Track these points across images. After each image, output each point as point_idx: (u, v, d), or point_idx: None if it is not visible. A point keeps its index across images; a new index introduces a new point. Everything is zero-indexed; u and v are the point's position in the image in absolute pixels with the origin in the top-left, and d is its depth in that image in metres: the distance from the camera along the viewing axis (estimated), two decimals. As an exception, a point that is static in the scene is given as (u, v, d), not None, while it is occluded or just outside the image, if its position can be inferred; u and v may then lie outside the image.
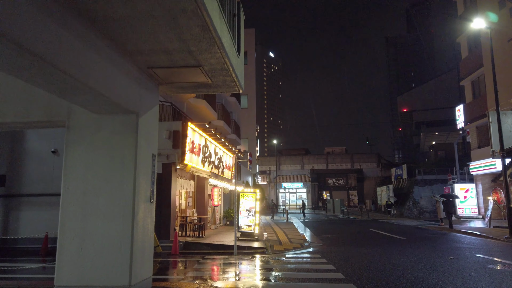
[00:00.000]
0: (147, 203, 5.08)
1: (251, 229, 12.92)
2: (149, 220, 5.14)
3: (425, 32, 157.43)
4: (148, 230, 5.12)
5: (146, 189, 5.05)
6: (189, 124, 12.20)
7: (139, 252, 4.75)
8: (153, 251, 5.23)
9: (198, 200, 16.39)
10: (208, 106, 18.61)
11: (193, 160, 12.87)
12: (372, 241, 13.61)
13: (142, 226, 4.84)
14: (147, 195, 5.09)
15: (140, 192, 4.79)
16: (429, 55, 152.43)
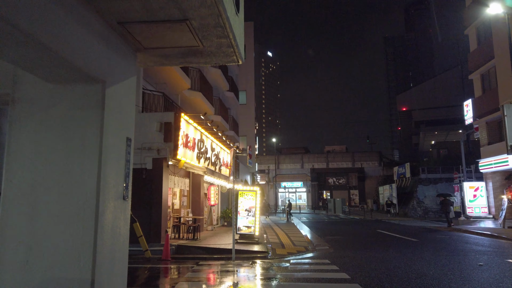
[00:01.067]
0: (118, 201, 3.91)
1: (251, 231, 11.77)
2: (122, 222, 3.97)
3: (423, 32, 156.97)
4: (120, 235, 3.97)
5: (118, 183, 3.89)
6: (182, 115, 11.03)
7: (106, 264, 3.60)
8: (127, 262, 4.07)
9: (193, 199, 15.22)
10: (204, 99, 17.45)
11: (187, 156, 11.71)
12: (383, 244, 12.47)
13: (110, 230, 3.69)
14: (119, 190, 3.92)
15: (107, 186, 3.64)
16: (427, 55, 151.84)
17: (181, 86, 15.03)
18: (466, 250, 10.67)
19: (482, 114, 22.55)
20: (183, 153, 11.29)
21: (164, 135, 11.00)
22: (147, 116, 11.23)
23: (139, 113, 11.27)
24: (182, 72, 14.06)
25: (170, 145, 10.96)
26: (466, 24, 23.86)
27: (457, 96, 52.43)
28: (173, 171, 11.94)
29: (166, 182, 11.24)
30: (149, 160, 11.00)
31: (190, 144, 11.96)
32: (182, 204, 14.47)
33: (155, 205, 10.80)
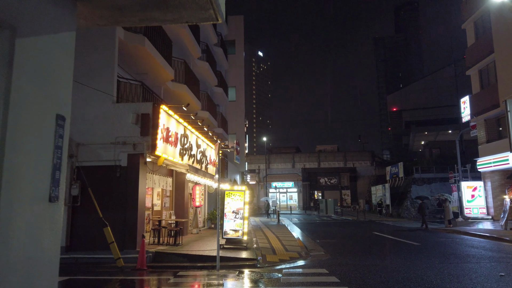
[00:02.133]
0: (42, 204, 2.73)
1: (239, 235, 10.61)
2: (47, 234, 2.78)
3: (413, 33, 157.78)
4: (48, 250, 2.79)
5: (38, 178, 2.70)
6: (162, 106, 9.83)
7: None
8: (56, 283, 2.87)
9: (177, 200, 14.02)
10: (190, 93, 16.23)
11: (168, 152, 10.51)
12: (383, 248, 11.43)
13: (24, 244, 2.51)
14: (40, 188, 2.72)
15: (20, 182, 2.47)
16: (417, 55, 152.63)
17: (163, 77, 13.80)
18: (476, 256, 9.66)
19: (480, 111, 21.74)
20: (163, 148, 10.10)
21: (141, 128, 9.78)
22: (122, 107, 10.01)
23: (113, 103, 10.04)
24: (164, 61, 12.84)
25: (148, 139, 9.75)
26: (464, 18, 23.05)
27: (447, 97, 52.22)
28: (152, 168, 10.73)
29: (143, 180, 10.02)
30: (123, 156, 9.78)
31: (171, 139, 10.77)
32: (164, 205, 13.26)
33: (131, 206, 9.58)
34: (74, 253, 9.47)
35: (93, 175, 9.77)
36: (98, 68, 10.21)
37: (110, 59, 10.22)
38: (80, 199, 9.70)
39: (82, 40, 10.26)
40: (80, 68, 10.15)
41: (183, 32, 15.93)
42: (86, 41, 10.27)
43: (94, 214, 9.12)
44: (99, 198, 9.58)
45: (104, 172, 9.77)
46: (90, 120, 9.94)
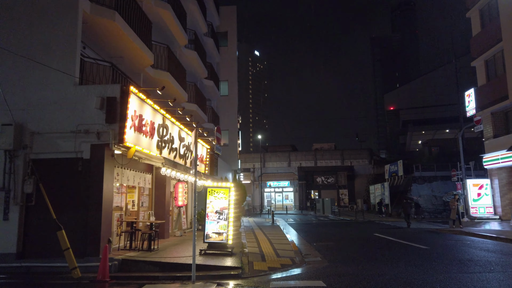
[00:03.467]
0: None
1: (222, 239, 9.20)
2: None
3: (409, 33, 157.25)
4: None
5: None
6: (131, 88, 8.41)
7: None
8: None
9: (157, 199, 12.59)
10: (175, 82, 14.82)
11: (142, 143, 9.11)
12: (388, 253, 10.06)
13: None
14: None
15: None
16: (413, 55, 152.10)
17: (142, 62, 12.37)
18: (498, 263, 8.31)
19: (486, 104, 20.45)
20: (135, 138, 8.69)
21: (106, 114, 8.35)
22: (85, 90, 8.57)
23: (75, 85, 8.61)
24: (141, 42, 11.41)
25: (115, 127, 8.33)
26: (468, 6, 21.76)
27: (445, 95, 51.34)
28: (121, 162, 9.29)
29: (109, 176, 8.59)
30: (86, 147, 8.35)
31: (146, 128, 9.36)
32: (142, 205, 11.82)
33: (94, 206, 8.15)
34: (27, 261, 8.04)
35: (50, 169, 8.35)
36: (59, 45, 8.78)
37: (72, 34, 8.78)
38: (35, 197, 8.27)
39: (39, 14, 8.83)
40: (37, 46, 8.75)
41: (166, 15, 14.53)
42: (44, 15, 8.84)
43: (51, 215, 7.70)
44: (56, 195, 8.17)
45: (63, 166, 8.35)
46: (48, 105, 8.51)
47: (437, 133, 50.51)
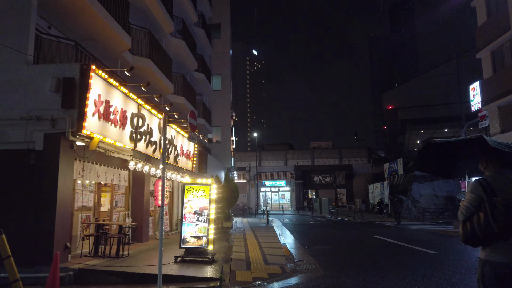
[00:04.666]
0: None
1: (202, 244, 7.96)
2: None
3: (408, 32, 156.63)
4: None
5: None
6: (93, 68, 7.16)
7: None
8: None
9: (134, 198, 11.35)
10: (157, 70, 13.55)
11: (110, 133, 7.86)
12: (392, 259, 8.84)
13: None
14: None
15: None
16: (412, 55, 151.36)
17: (117, 46, 11.10)
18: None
19: (492, 98, 19.26)
20: (99, 127, 7.44)
21: (62, 98, 7.10)
22: (38, 69, 7.31)
23: (27, 64, 7.35)
24: (115, 23, 10.14)
25: (73, 113, 7.08)
26: (473, -6, 20.58)
27: (443, 95, 50.44)
28: (82, 155, 8.03)
29: (67, 170, 7.34)
30: (39, 136, 7.09)
31: (115, 116, 8.12)
32: (116, 204, 10.58)
33: (47, 206, 6.90)
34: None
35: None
36: (9, 17, 7.53)
37: (25, 5, 7.52)
38: (-21, 195, 7.00)
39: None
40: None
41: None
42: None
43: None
44: (3, 193, 6.92)
45: (12, 159, 7.09)
46: (-6, 87, 7.25)
47: (436, 132, 49.54)
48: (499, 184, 2.82)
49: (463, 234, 2.85)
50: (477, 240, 2.77)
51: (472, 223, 2.78)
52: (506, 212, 2.61)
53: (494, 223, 2.63)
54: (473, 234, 2.75)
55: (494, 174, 2.93)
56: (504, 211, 2.62)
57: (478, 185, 2.85)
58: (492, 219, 2.64)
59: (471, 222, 2.79)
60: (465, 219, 2.86)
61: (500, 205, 2.65)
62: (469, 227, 2.79)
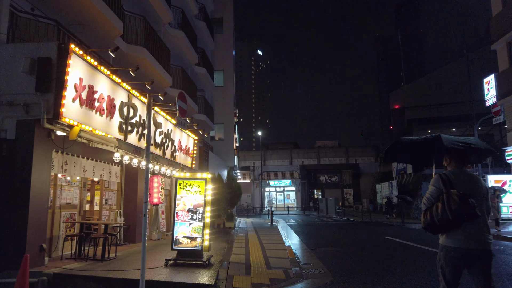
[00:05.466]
0: None
1: (196, 245, 7.13)
2: None
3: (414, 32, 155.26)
4: None
5: None
6: (71, 46, 6.35)
7: None
8: None
9: (127, 196, 10.56)
10: (153, 61, 12.74)
11: (94, 122, 7.06)
12: (410, 263, 7.94)
13: None
14: None
15: None
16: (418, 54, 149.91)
17: (108, 32, 10.31)
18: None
19: (509, 91, 18.27)
20: (82, 115, 6.65)
21: (37, 80, 6.31)
22: (11, 49, 6.52)
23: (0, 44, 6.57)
24: (105, 6, 9.36)
25: (49, 97, 6.28)
26: (488, -18, 19.59)
27: (451, 94, 49.29)
28: (62, 146, 7.22)
29: (43, 163, 6.54)
30: (10, 124, 6.30)
31: (101, 104, 7.31)
32: (106, 202, 9.78)
33: (19, 202, 6.11)
34: None
35: (-36, 153, 6.30)
36: (-19, -7, 6.75)
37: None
38: None
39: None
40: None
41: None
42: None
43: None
44: (-31, 189, 6.14)
45: (-19, 149, 6.30)
46: (-38, 69, 6.47)
47: (443, 131, 48.51)
48: (458, 178, 3.15)
49: (424, 222, 3.18)
50: (435, 227, 3.10)
51: (431, 212, 3.09)
52: (460, 203, 2.92)
53: (449, 212, 2.94)
54: (432, 222, 3.08)
55: (454, 170, 3.27)
56: (458, 201, 2.93)
57: (439, 179, 3.19)
58: (448, 208, 2.95)
59: (430, 211, 3.11)
60: (426, 209, 3.18)
61: (455, 196, 2.95)
62: (429, 216, 3.11)
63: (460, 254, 3.00)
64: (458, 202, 2.92)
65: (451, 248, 3.06)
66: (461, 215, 2.92)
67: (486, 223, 3.11)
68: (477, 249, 2.99)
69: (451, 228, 3.04)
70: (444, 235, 3.13)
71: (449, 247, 3.07)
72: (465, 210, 2.92)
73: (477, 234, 3.02)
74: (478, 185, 3.20)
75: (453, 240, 3.05)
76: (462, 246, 2.99)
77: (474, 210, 2.93)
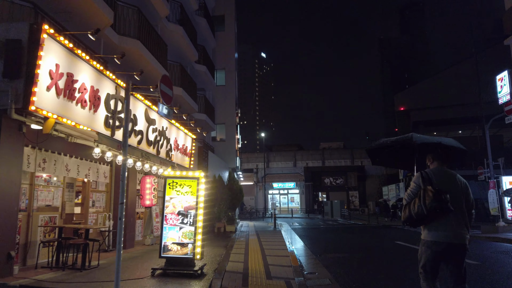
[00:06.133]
0: None
1: (187, 252, 6.33)
2: None
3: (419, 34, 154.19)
4: None
5: None
6: (44, 27, 5.61)
7: None
8: None
9: (117, 197, 9.79)
10: (148, 54, 12.00)
11: (74, 114, 6.33)
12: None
13: None
14: None
15: None
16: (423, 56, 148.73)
17: (97, 21, 9.58)
18: None
19: (524, 88, 17.36)
20: (58, 106, 5.91)
21: (4, 65, 5.57)
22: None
23: (-36, 25, 5.84)
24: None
25: (19, 84, 5.54)
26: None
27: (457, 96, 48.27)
28: (34, 140, 6.47)
29: (13, 159, 5.80)
30: (-27, 114, 5.57)
31: (83, 95, 6.58)
32: (92, 205, 9.03)
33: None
34: None
35: None
36: None
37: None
38: None
39: None
40: None
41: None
42: None
43: None
44: None
45: None
46: None
47: (449, 134, 47.49)
48: (437, 176, 3.40)
49: (403, 216, 3.45)
50: (412, 220, 3.35)
51: (409, 207, 3.37)
52: (434, 198, 3.17)
53: (423, 206, 3.23)
54: (410, 215, 3.34)
55: (435, 168, 3.50)
56: (432, 197, 3.18)
57: (419, 176, 3.45)
58: (423, 203, 3.24)
59: (409, 206, 3.38)
60: (406, 204, 3.44)
61: (430, 192, 3.22)
62: (407, 210, 3.39)
63: (441, 248, 3.18)
64: (432, 197, 3.12)
65: (432, 242, 3.24)
66: (434, 209, 3.12)
67: (464, 219, 3.28)
68: (456, 243, 3.18)
69: (427, 222, 3.25)
70: (425, 230, 3.33)
71: (431, 241, 3.25)
72: (438, 205, 3.11)
73: (456, 230, 3.20)
74: (455, 182, 3.39)
75: (434, 234, 3.22)
76: (442, 240, 3.18)
77: (447, 205, 3.12)
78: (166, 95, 5.39)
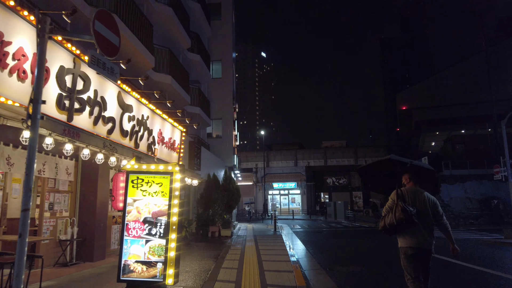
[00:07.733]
0: None
1: (156, 274, 4.65)
2: None
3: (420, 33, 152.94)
4: None
5: None
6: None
7: None
8: None
9: (83, 199, 8.12)
10: (127, 32, 10.32)
11: (2, 85, 4.67)
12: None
13: None
14: None
15: None
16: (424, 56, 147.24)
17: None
18: None
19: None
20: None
21: None
22: None
23: None
24: None
25: None
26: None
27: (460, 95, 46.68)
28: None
29: None
30: None
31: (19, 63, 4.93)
32: (50, 208, 7.34)
33: None
34: None
35: None
36: None
37: None
38: None
39: None
40: None
41: None
42: None
43: None
44: None
45: None
46: None
47: (452, 133, 46.00)
48: (409, 194, 4.03)
49: (380, 225, 4.08)
50: (387, 230, 4.01)
51: (385, 219, 4.02)
52: (401, 212, 3.80)
53: (394, 218, 3.86)
54: (385, 225, 4.00)
55: (410, 187, 4.14)
56: (400, 211, 3.81)
57: (395, 193, 4.05)
58: (393, 216, 3.88)
59: (385, 218, 4.03)
60: (383, 216, 4.08)
61: (399, 207, 3.84)
62: (383, 222, 4.03)
63: (415, 252, 3.83)
64: (400, 211, 3.80)
65: (407, 247, 3.89)
66: (401, 221, 3.78)
67: (430, 229, 3.93)
68: (424, 248, 3.85)
69: (398, 231, 3.92)
70: (400, 238, 3.99)
71: (406, 247, 3.91)
72: (404, 217, 3.77)
73: (423, 238, 3.85)
74: (424, 199, 3.99)
75: (407, 241, 3.89)
76: (414, 246, 3.85)
77: (412, 218, 3.78)
78: (104, 39, 3.71)
